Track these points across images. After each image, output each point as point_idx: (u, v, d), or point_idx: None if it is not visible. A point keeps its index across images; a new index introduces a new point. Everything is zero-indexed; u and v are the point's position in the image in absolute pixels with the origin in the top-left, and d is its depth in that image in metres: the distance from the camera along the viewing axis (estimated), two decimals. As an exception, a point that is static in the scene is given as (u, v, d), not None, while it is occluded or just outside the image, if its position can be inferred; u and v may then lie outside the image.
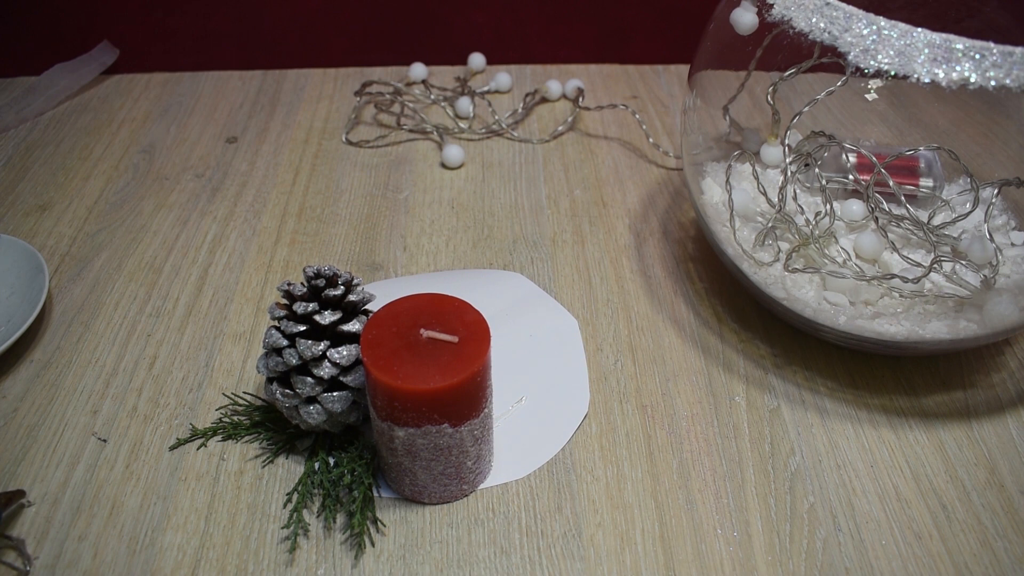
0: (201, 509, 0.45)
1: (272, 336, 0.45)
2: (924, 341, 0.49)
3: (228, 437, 0.49)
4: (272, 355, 0.45)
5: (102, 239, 0.64)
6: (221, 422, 0.50)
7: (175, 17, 0.83)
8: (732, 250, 0.54)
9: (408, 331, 0.42)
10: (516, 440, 0.49)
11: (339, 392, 0.45)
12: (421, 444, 0.42)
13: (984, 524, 0.45)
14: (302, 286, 0.45)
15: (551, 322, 0.56)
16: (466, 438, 0.43)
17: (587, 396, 0.51)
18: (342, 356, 0.44)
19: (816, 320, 0.51)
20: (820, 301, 0.51)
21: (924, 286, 0.51)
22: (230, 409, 0.51)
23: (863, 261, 0.54)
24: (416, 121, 0.77)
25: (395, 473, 0.45)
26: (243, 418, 0.50)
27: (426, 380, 0.40)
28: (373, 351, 0.41)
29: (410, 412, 0.41)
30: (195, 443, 0.49)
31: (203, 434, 0.49)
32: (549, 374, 0.53)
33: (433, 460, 0.43)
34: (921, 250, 0.54)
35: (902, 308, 0.51)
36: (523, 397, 0.51)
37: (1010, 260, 0.53)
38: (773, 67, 0.55)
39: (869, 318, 0.50)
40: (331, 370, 0.44)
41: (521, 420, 0.50)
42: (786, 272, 0.52)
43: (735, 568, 0.43)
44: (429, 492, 0.45)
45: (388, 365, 0.40)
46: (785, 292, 0.51)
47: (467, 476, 0.45)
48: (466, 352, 0.41)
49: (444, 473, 0.44)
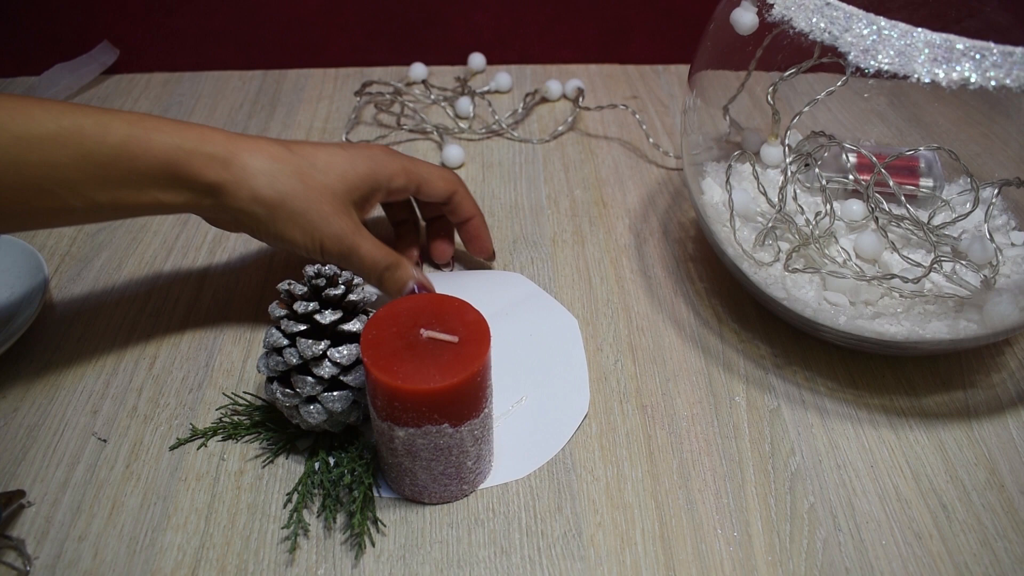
0: (201, 509, 0.45)
1: (273, 335, 0.45)
2: (924, 341, 0.49)
3: (228, 437, 0.49)
4: (272, 354, 0.45)
5: (102, 239, 0.64)
6: (221, 422, 0.50)
7: (175, 17, 0.83)
8: (732, 250, 0.54)
9: (408, 331, 0.42)
10: (516, 440, 0.49)
11: (339, 391, 0.45)
12: (421, 444, 0.42)
13: (984, 524, 0.45)
14: (303, 285, 0.45)
15: (551, 321, 0.56)
16: (466, 438, 0.43)
17: (587, 395, 0.51)
18: (342, 355, 0.44)
19: (816, 320, 0.51)
20: (820, 301, 0.51)
21: (924, 286, 0.51)
22: (230, 409, 0.51)
23: (863, 261, 0.54)
24: (416, 121, 0.77)
25: (395, 473, 0.45)
26: (243, 418, 0.50)
27: (426, 380, 0.40)
28: (373, 351, 0.41)
29: (410, 412, 0.41)
30: (195, 443, 0.49)
31: (203, 434, 0.49)
32: (549, 373, 0.53)
33: (433, 460, 0.43)
34: (921, 250, 0.54)
35: (902, 308, 0.51)
36: (523, 397, 0.51)
37: (1010, 260, 0.53)
38: (773, 67, 0.55)
39: (869, 318, 0.50)
40: (332, 369, 0.44)
41: (521, 420, 0.50)
42: (786, 272, 0.52)
43: (735, 568, 0.43)
44: (429, 492, 0.45)
45: (388, 365, 0.40)
46: (785, 292, 0.51)
47: (467, 476, 0.45)
48: (466, 352, 0.41)
49: (444, 473, 0.44)
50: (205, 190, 0.47)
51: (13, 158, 0.43)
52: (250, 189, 0.47)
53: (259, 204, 0.48)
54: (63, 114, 0.44)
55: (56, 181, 0.44)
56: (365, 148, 0.53)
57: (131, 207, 0.47)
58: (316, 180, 0.49)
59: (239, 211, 0.48)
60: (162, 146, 0.46)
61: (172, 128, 0.47)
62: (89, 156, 0.44)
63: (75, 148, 0.44)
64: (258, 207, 0.48)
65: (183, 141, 0.46)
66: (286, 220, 0.49)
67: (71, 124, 0.44)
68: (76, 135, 0.44)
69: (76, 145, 0.44)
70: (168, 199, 0.47)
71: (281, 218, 0.48)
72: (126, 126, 0.45)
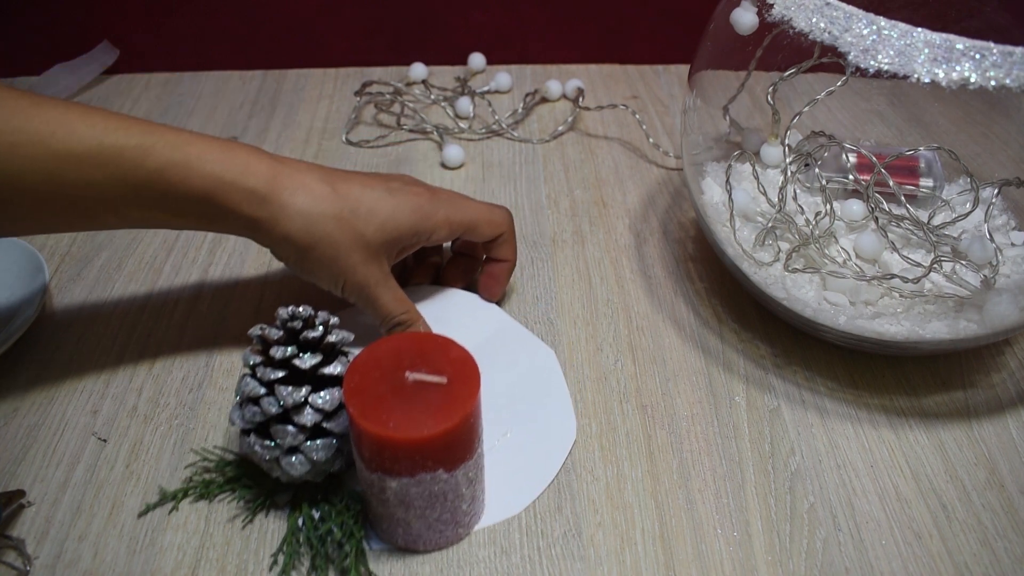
0: (201, 509, 0.45)
1: (248, 385, 0.42)
2: (924, 341, 0.49)
3: (201, 497, 0.46)
4: (248, 404, 0.42)
5: (102, 239, 0.64)
6: (192, 481, 0.46)
7: (175, 17, 0.83)
8: (732, 250, 0.54)
9: (392, 375, 0.39)
10: (505, 475, 0.47)
11: (322, 439, 0.42)
12: (415, 493, 0.40)
13: (984, 524, 0.45)
14: (277, 329, 0.42)
15: (528, 354, 0.54)
16: (461, 481, 0.41)
17: (574, 422, 0.50)
18: (325, 400, 0.41)
19: (816, 320, 0.51)
20: (820, 301, 0.51)
21: (924, 286, 0.51)
22: (200, 466, 0.47)
23: (863, 261, 0.54)
24: (416, 121, 0.77)
25: (386, 523, 0.42)
26: (215, 475, 0.46)
27: (418, 427, 0.37)
28: (358, 399, 0.38)
29: (403, 462, 0.38)
30: (166, 507, 0.45)
31: (173, 496, 0.45)
32: (532, 404, 0.51)
33: (428, 508, 0.41)
34: (921, 250, 0.54)
35: (902, 308, 0.51)
36: (508, 431, 0.49)
37: (1010, 260, 0.53)
38: (773, 67, 0.55)
39: (869, 318, 0.50)
40: (314, 416, 0.41)
41: (509, 454, 0.48)
42: (786, 272, 0.52)
43: (735, 568, 0.43)
44: (424, 540, 0.43)
45: (376, 414, 0.38)
46: (785, 292, 0.51)
47: (462, 519, 0.43)
48: (456, 392, 0.39)
49: (440, 519, 0.42)
50: (240, 223, 0.46)
51: (51, 174, 0.42)
52: (285, 229, 0.46)
53: (291, 245, 0.47)
54: (106, 132, 0.43)
55: (92, 198, 0.44)
56: (412, 195, 0.50)
57: (165, 224, 0.47)
58: (354, 228, 0.47)
59: (270, 245, 0.47)
60: (201, 177, 0.44)
61: (216, 155, 0.45)
62: (126, 178, 0.43)
63: (113, 169, 0.43)
64: (289, 247, 0.47)
65: (224, 172, 0.45)
66: (314, 262, 0.48)
67: (112, 144, 0.43)
68: (115, 156, 0.43)
69: (114, 166, 0.43)
70: (203, 225, 0.47)
71: (310, 259, 0.47)
72: (168, 150, 0.44)
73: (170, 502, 0.45)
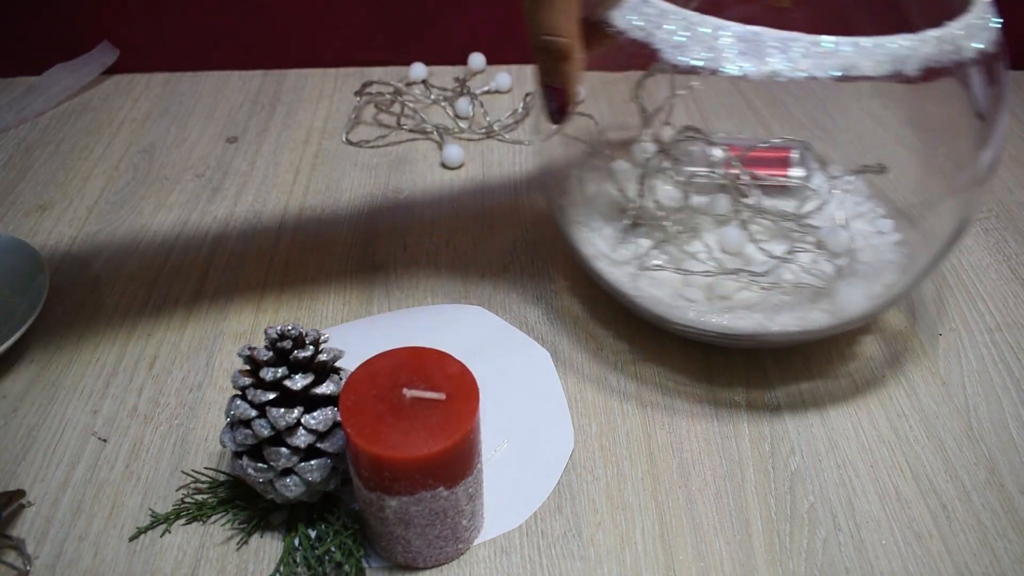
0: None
1: (239, 407, 0.41)
2: (771, 333, 0.49)
3: (193, 519, 0.45)
4: (239, 427, 0.41)
5: (102, 239, 0.64)
6: (184, 503, 0.45)
7: (175, 17, 0.84)
8: (591, 249, 0.54)
9: (389, 392, 0.39)
10: (503, 486, 0.46)
11: (317, 460, 0.41)
12: (415, 511, 0.39)
13: (984, 524, 0.45)
14: (265, 349, 0.41)
15: (522, 356, 0.54)
16: (461, 497, 0.40)
17: (571, 430, 0.49)
18: (318, 421, 0.41)
19: (669, 317, 0.51)
20: (676, 298, 0.51)
21: (783, 277, 0.51)
22: (192, 488, 0.47)
23: (728, 255, 0.54)
24: (416, 121, 0.77)
25: (385, 541, 0.42)
26: (207, 496, 0.46)
27: (418, 446, 0.37)
28: (355, 419, 0.38)
29: (402, 481, 0.38)
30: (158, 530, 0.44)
31: (165, 519, 0.45)
32: (528, 411, 0.50)
33: (428, 525, 0.40)
34: (788, 242, 0.55)
35: (757, 301, 0.51)
36: (505, 440, 0.48)
37: (871, 248, 0.54)
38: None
39: (721, 312, 0.50)
40: (307, 438, 0.41)
41: (506, 465, 0.47)
42: (642, 271, 0.52)
43: (735, 568, 0.43)
44: (424, 557, 0.42)
45: (374, 433, 0.37)
46: (639, 291, 0.51)
47: (463, 535, 0.43)
48: (455, 409, 0.38)
49: (440, 536, 0.41)
50: None
51: None
52: None
53: None
54: None
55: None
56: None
57: None
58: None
59: None
60: None
61: None
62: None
63: None
64: None
65: None
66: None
67: None
68: None
69: None
70: None
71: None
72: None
73: (162, 524, 0.45)
